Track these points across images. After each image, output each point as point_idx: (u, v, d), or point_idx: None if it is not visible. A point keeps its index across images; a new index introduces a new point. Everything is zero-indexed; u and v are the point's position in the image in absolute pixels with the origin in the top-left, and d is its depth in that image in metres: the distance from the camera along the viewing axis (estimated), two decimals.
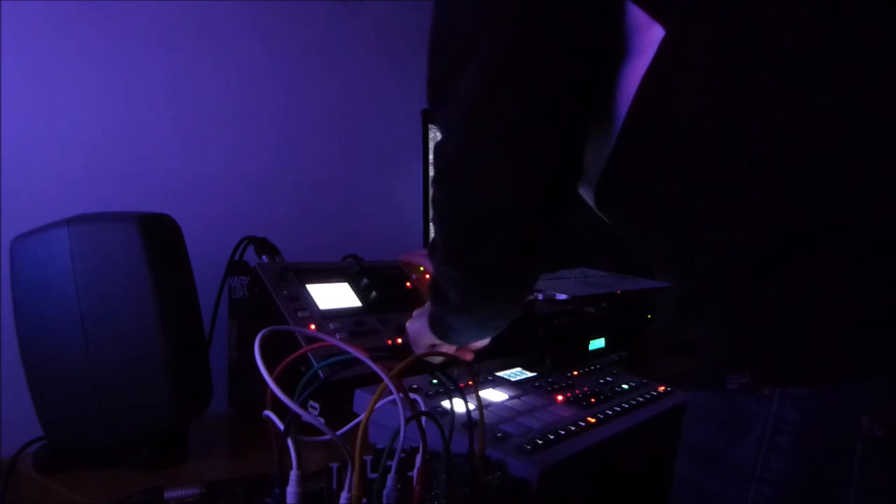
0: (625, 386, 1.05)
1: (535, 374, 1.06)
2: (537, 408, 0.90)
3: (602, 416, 0.89)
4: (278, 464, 0.56)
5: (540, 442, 0.77)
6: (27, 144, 1.02)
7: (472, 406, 0.68)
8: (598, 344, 1.26)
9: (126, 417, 0.80)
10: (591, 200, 0.67)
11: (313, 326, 0.97)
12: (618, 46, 0.58)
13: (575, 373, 1.11)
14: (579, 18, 0.56)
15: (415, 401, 0.63)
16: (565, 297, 1.34)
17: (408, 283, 1.16)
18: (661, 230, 0.60)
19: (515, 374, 1.05)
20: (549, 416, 0.87)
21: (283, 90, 1.38)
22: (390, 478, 0.57)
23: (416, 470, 0.59)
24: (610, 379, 1.09)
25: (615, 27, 0.57)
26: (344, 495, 0.55)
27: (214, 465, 0.87)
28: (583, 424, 0.85)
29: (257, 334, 0.57)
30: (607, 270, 1.72)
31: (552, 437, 0.79)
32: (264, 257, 1.10)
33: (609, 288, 1.50)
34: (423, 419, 0.58)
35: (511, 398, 0.92)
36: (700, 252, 0.57)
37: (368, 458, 0.62)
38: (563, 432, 0.81)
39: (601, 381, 1.07)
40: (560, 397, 0.95)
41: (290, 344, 0.91)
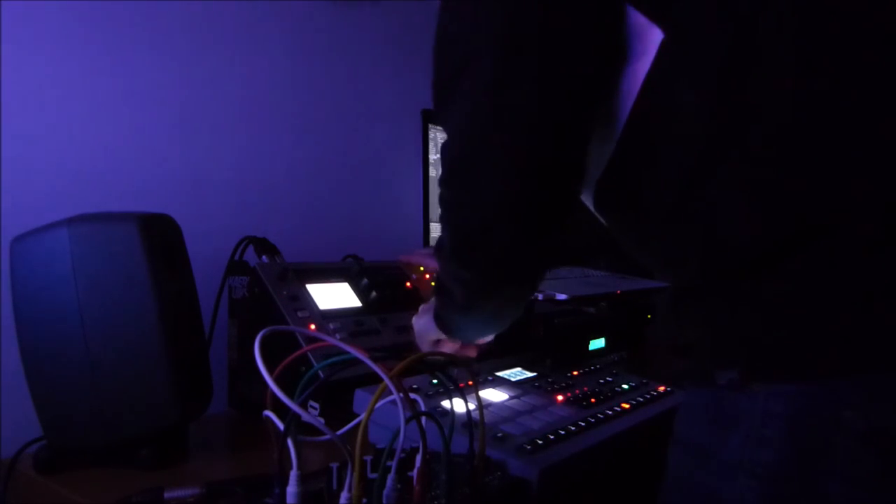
0: (625, 386, 1.05)
1: (535, 374, 1.06)
2: (537, 408, 0.90)
3: (602, 416, 0.89)
4: (278, 464, 0.56)
5: (540, 442, 0.77)
6: (27, 144, 1.02)
7: (472, 406, 0.68)
8: (598, 344, 1.26)
9: (126, 417, 0.80)
10: (589, 201, 0.68)
11: (313, 326, 0.97)
12: (619, 50, 0.58)
13: (575, 373, 1.10)
14: (580, 23, 0.57)
15: (415, 401, 0.63)
16: (565, 297, 1.34)
17: (408, 283, 1.16)
18: (657, 231, 0.61)
19: (515, 374, 1.05)
20: (549, 416, 0.87)
21: (283, 90, 1.38)
22: (390, 478, 0.57)
23: (416, 470, 0.59)
24: (610, 379, 1.09)
25: (616, 31, 0.58)
26: (344, 495, 0.55)
27: (214, 465, 0.87)
28: (583, 424, 0.85)
29: (257, 334, 0.57)
30: (607, 270, 1.72)
31: (552, 437, 0.79)
32: (264, 257, 1.10)
33: (609, 288, 1.50)
34: (423, 419, 0.58)
35: (511, 398, 0.92)
36: (693, 252, 0.57)
37: (368, 458, 0.62)
38: (563, 432, 0.81)
39: (601, 381, 1.07)
40: (560, 397, 0.95)
41: (290, 344, 0.91)
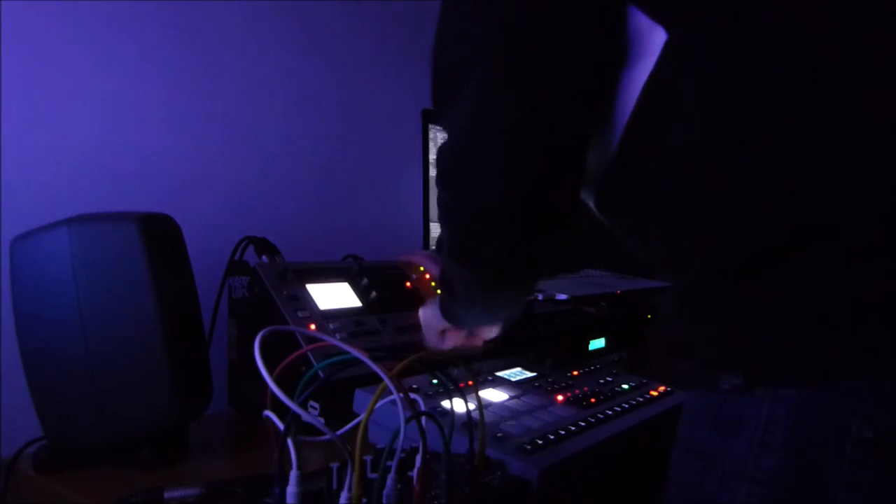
0: (625, 386, 1.05)
1: (535, 374, 1.06)
2: (537, 408, 0.90)
3: (602, 416, 0.89)
4: (278, 464, 0.56)
5: (540, 442, 0.77)
6: (27, 144, 1.02)
7: (472, 406, 0.68)
8: (598, 344, 1.26)
9: (126, 417, 0.80)
10: (590, 202, 0.68)
11: (313, 326, 0.97)
12: (619, 51, 0.58)
13: (575, 373, 1.10)
14: (580, 25, 0.56)
15: (415, 401, 0.63)
16: (565, 297, 1.34)
17: (408, 283, 1.16)
18: (659, 232, 0.60)
19: (515, 374, 1.05)
20: (549, 416, 0.87)
21: (283, 90, 1.38)
22: (390, 478, 0.57)
23: (416, 470, 0.59)
24: (610, 379, 1.09)
25: (617, 32, 0.57)
26: (344, 495, 0.55)
27: (214, 465, 0.87)
28: (583, 424, 0.85)
29: (257, 334, 0.57)
30: (607, 270, 1.72)
31: (552, 437, 0.79)
32: (264, 257, 1.10)
33: (609, 288, 1.50)
34: (423, 419, 0.58)
35: (511, 398, 0.92)
36: (696, 253, 0.57)
37: (368, 458, 0.62)
38: (563, 432, 0.81)
39: (601, 381, 1.07)
40: (560, 397, 0.95)
41: (290, 344, 0.91)
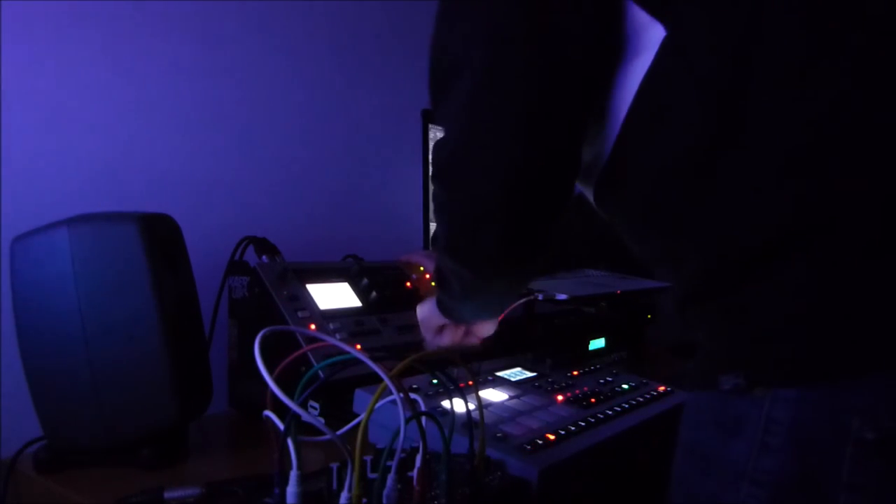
0: (625, 386, 1.05)
1: (535, 374, 1.06)
2: (537, 408, 0.90)
3: (602, 416, 0.89)
4: (278, 464, 0.56)
5: (540, 442, 0.77)
6: (27, 144, 1.02)
7: (472, 406, 0.68)
8: (598, 344, 1.26)
9: (126, 417, 0.80)
10: (590, 197, 0.67)
11: (313, 326, 0.97)
12: (616, 47, 0.58)
13: (575, 373, 1.10)
14: (575, 22, 0.56)
15: (415, 401, 0.64)
16: (565, 297, 1.34)
17: (408, 283, 1.16)
18: (658, 228, 0.60)
19: (515, 374, 1.05)
20: (549, 416, 0.87)
21: (283, 90, 1.38)
22: (390, 478, 0.57)
23: (416, 470, 0.59)
24: (610, 379, 1.09)
25: (614, 28, 0.57)
26: (344, 495, 0.55)
27: (214, 465, 0.87)
28: (583, 424, 0.85)
29: (257, 334, 0.57)
30: (607, 270, 1.72)
31: (552, 437, 0.79)
32: (264, 257, 1.10)
33: (609, 288, 1.50)
34: (423, 419, 0.58)
35: (511, 398, 0.92)
36: (695, 251, 0.57)
37: (368, 458, 0.62)
38: (563, 432, 0.81)
39: (601, 381, 1.07)
40: (560, 397, 0.95)
41: (290, 344, 0.91)
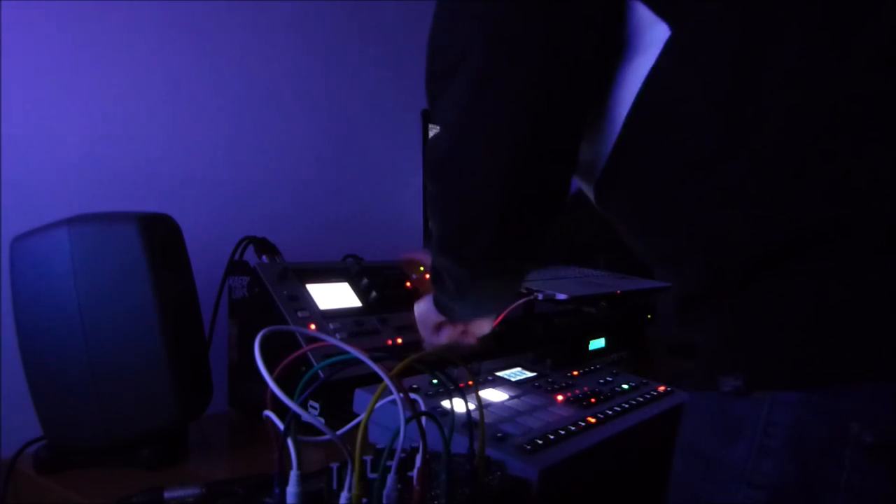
0: (625, 386, 1.05)
1: (535, 374, 1.06)
2: (537, 408, 0.90)
3: (602, 416, 0.89)
4: (278, 464, 0.56)
5: (540, 442, 0.77)
6: (27, 144, 1.02)
7: (472, 406, 0.68)
8: (598, 344, 1.26)
9: (126, 417, 0.80)
10: (591, 196, 0.67)
11: (313, 326, 0.97)
12: (619, 45, 0.58)
13: (575, 373, 1.10)
14: (575, 21, 0.56)
15: (415, 401, 0.64)
16: (565, 297, 1.34)
17: (408, 283, 1.16)
18: (659, 229, 0.60)
19: (515, 374, 1.05)
20: (549, 416, 0.87)
21: (283, 90, 1.38)
22: (390, 478, 0.57)
23: (416, 470, 0.59)
24: (610, 379, 1.09)
25: (615, 27, 0.57)
26: (344, 495, 0.55)
27: (214, 465, 0.87)
28: (583, 424, 0.85)
29: (257, 334, 0.57)
30: (607, 270, 1.71)
31: (552, 437, 0.79)
32: (264, 257, 1.10)
33: (609, 288, 1.50)
34: (423, 419, 0.58)
35: (511, 398, 0.92)
36: (696, 253, 0.57)
37: (368, 458, 0.62)
38: (563, 432, 0.81)
39: (601, 381, 1.07)
40: (560, 397, 0.95)
41: (290, 344, 0.91)
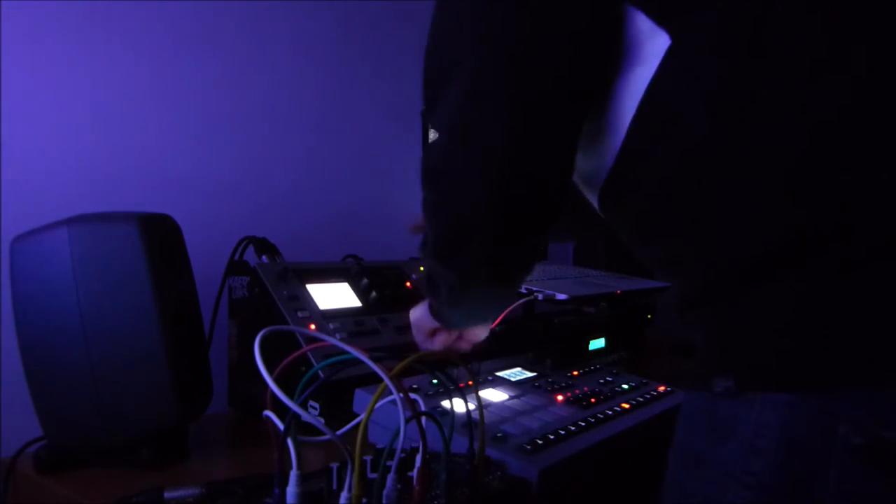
0: (625, 386, 1.05)
1: (535, 374, 1.06)
2: (537, 408, 0.90)
3: (602, 416, 0.89)
4: (278, 464, 0.56)
5: (540, 442, 0.77)
6: (27, 144, 1.02)
7: (472, 406, 0.68)
8: (598, 344, 1.26)
9: (126, 417, 0.80)
10: (594, 203, 0.67)
11: (313, 326, 0.97)
12: (617, 54, 0.58)
13: (575, 373, 1.11)
14: (570, 30, 0.56)
15: (415, 401, 0.63)
16: (565, 297, 1.34)
17: (408, 283, 1.16)
18: (661, 235, 0.60)
19: (515, 374, 1.05)
20: (549, 416, 0.87)
21: (282, 91, 1.38)
22: (390, 478, 0.57)
23: (416, 470, 0.59)
24: (610, 379, 1.09)
25: (613, 36, 0.57)
26: (344, 495, 0.55)
27: (214, 465, 0.87)
28: (583, 424, 0.85)
29: (257, 334, 0.57)
30: (607, 270, 1.72)
31: (552, 437, 0.79)
32: (264, 257, 1.10)
33: (609, 288, 1.50)
34: (423, 419, 0.58)
35: (511, 398, 0.92)
36: (696, 256, 0.57)
37: (368, 458, 0.62)
38: (563, 432, 0.81)
39: (601, 381, 1.07)
40: (560, 397, 0.95)
41: (290, 344, 0.91)
